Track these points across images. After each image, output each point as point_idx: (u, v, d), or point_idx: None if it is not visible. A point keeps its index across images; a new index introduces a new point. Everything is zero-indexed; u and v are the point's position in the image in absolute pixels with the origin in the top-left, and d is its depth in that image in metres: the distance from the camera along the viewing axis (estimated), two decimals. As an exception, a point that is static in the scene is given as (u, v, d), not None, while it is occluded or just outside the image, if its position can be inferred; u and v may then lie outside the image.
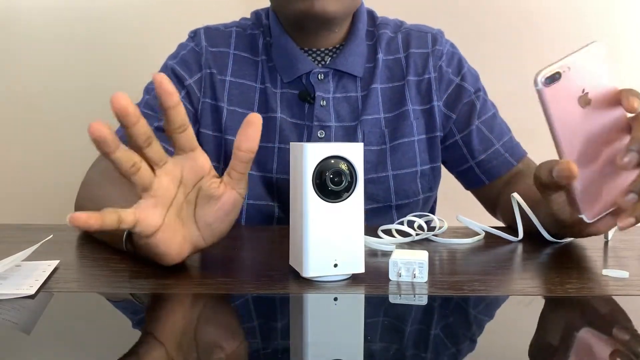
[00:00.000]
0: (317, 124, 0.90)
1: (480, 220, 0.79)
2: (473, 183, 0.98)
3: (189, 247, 0.59)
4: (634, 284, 0.57)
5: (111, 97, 0.52)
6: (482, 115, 0.94)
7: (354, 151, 0.56)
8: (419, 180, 0.93)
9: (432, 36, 0.96)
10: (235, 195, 0.59)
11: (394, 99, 0.93)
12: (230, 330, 0.47)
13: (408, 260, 0.56)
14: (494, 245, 0.74)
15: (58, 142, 1.46)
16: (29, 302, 0.51)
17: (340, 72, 0.92)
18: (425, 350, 0.42)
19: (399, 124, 0.92)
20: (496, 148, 0.94)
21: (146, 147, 0.55)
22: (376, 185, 0.91)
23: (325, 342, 0.44)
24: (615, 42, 1.49)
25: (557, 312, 0.51)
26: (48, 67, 1.45)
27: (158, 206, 0.56)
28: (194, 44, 0.94)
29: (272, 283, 0.56)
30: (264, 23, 0.96)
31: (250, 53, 0.94)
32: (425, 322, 0.48)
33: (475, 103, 0.94)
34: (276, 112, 0.91)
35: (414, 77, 0.93)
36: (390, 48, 0.95)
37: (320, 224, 0.55)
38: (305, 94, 0.91)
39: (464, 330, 0.46)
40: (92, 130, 0.51)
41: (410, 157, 0.92)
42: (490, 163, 0.95)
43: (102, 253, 0.68)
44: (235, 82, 0.92)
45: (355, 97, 0.92)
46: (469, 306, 0.51)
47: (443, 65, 0.94)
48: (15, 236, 0.77)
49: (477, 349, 0.43)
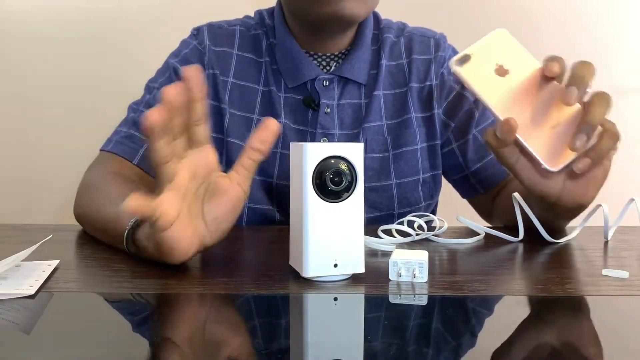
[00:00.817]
0: (320, 131, 0.90)
1: (480, 221, 0.79)
2: (469, 192, 0.98)
3: (196, 243, 0.58)
4: (634, 284, 0.57)
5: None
6: (480, 124, 0.93)
7: (354, 151, 0.56)
8: (421, 188, 0.93)
9: (435, 41, 0.95)
10: (240, 192, 0.59)
11: (396, 106, 0.92)
12: (231, 330, 0.47)
13: (408, 260, 0.57)
14: (494, 245, 0.74)
15: (58, 142, 1.46)
16: (29, 302, 0.51)
17: (345, 78, 0.91)
18: (425, 351, 0.42)
19: (402, 131, 0.91)
20: (491, 157, 0.93)
21: (199, 125, 0.57)
22: (379, 194, 0.91)
23: (325, 342, 0.44)
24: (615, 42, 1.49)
25: (557, 312, 0.51)
26: (47, 67, 1.45)
27: (175, 199, 0.56)
28: (196, 42, 0.93)
29: (272, 283, 0.56)
30: (267, 23, 0.95)
31: (254, 54, 0.93)
32: (425, 322, 0.48)
33: (474, 112, 0.93)
34: (280, 117, 0.90)
35: (416, 84, 0.93)
36: (393, 53, 0.94)
37: (320, 224, 0.55)
38: (309, 100, 0.90)
39: (464, 330, 0.46)
40: (150, 118, 0.52)
41: (413, 165, 0.92)
42: (486, 172, 0.94)
43: (102, 253, 0.68)
44: (236, 84, 0.91)
45: (359, 104, 0.91)
46: (469, 306, 0.51)
47: (445, 72, 0.93)
48: (15, 236, 0.77)
49: (477, 349, 0.43)
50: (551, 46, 1.47)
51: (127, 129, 0.88)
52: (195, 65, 0.56)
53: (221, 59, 0.92)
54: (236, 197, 0.59)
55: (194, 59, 0.92)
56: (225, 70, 0.92)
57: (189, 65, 0.57)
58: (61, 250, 0.70)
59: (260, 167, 0.90)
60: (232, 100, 0.91)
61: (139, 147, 0.86)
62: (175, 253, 0.57)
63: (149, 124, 0.52)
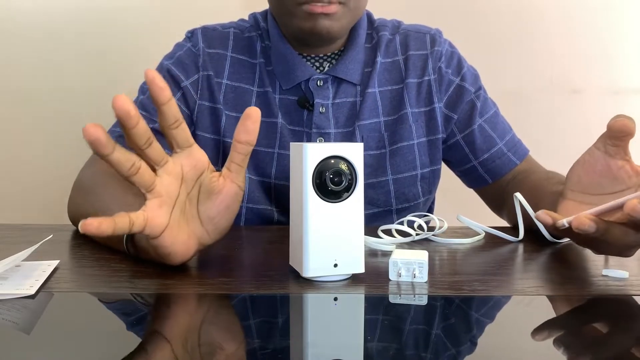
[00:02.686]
0: (315, 130, 0.90)
1: (480, 220, 0.79)
2: (476, 182, 0.98)
3: (194, 244, 0.59)
4: (634, 284, 0.57)
5: (113, 98, 0.52)
6: (484, 114, 0.94)
7: (354, 151, 0.56)
8: (419, 183, 0.93)
9: (430, 37, 0.95)
10: (235, 188, 0.59)
11: (393, 102, 0.92)
12: (231, 330, 0.47)
13: (408, 260, 0.56)
14: (494, 245, 0.74)
15: (58, 142, 1.46)
16: (29, 302, 0.51)
17: (339, 78, 0.92)
18: (425, 350, 0.42)
19: (398, 127, 0.92)
20: (499, 147, 0.94)
21: (147, 147, 0.55)
22: (376, 190, 0.91)
23: (325, 342, 0.44)
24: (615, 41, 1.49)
25: (557, 312, 0.51)
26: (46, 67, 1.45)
27: (163, 206, 0.56)
28: (190, 44, 0.93)
29: (272, 283, 0.56)
30: (261, 26, 0.95)
31: (248, 55, 0.93)
32: (425, 322, 0.48)
33: (476, 102, 0.94)
34: (277, 117, 0.90)
35: (414, 80, 0.93)
36: (389, 50, 0.95)
37: (320, 224, 0.55)
38: (303, 100, 0.90)
39: (464, 330, 0.46)
40: (88, 132, 0.51)
41: (410, 161, 0.92)
42: (494, 162, 0.94)
43: (102, 253, 0.68)
44: (231, 85, 0.91)
45: (354, 102, 0.92)
46: (468, 306, 0.51)
47: (442, 66, 0.94)
48: (15, 236, 0.77)
49: (477, 349, 0.43)
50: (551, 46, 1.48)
51: (120, 129, 0.88)
52: (154, 70, 0.55)
53: (215, 61, 0.92)
54: (231, 195, 0.59)
55: (187, 61, 0.92)
56: (219, 72, 0.92)
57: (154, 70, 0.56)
58: (61, 250, 0.70)
59: (258, 167, 0.90)
60: (227, 101, 0.91)
61: (132, 148, 0.86)
62: (173, 257, 0.58)
63: (88, 139, 0.51)
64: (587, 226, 0.55)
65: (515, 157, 0.95)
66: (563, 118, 1.49)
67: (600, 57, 1.49)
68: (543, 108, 1.50)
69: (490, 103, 0.97)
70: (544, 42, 1.47)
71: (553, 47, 1.48)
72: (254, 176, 0.90)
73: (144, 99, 0.91)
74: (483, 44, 1.43)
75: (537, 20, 1.48)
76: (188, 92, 0.91)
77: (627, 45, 1.49)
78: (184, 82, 0.91)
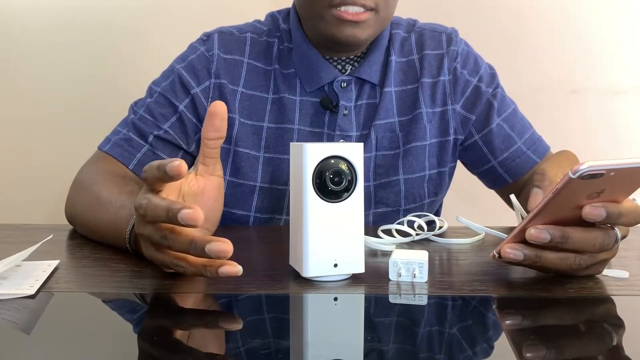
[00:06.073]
0: (338, 133, 0.89)
1: (480, 221, 0.78)
2: (496, 183, 0.97)
3: None
4: (634, 284, 0.57)
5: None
6: (501, 113, 0.93)
7: (353, 151, 0.56)
8: (426, 184, 0.93)
9: (446, 36, 0.94)
10: (216, 180, 0.61)
11: (408, 102, 0.92)
12: (231, 330, 0.47)
13: (408, 260, 0.57)
14: (494, 246, 0.73)
15: (58, 142, 1.46)
16: (29, 302, 0.51)
17: (361, 79, 0.91)
18: (425, 350, 0.42)
19: (412, 127, 0.91)
20: (518, 146, 0.93)
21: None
22: (387, 190, 0.91)
23: (325, 342, 0.44)
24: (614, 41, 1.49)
25: (558, 312, 0.51)
26: (47, 69, 1.45)
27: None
28: (204, 48, 0.91)
29: (272, 283, 0.56)
30: (281, 28, 0.93)
31: (264, 62, 0.91)
32: (425, 322, 0.48)
33: (493, 102, 0.93)
34: (293, 123, 0.89)
35: (428, 79, 0.92)
36: (404, 49, 0.94)
37: (320, 224, 0.55)
38: (327, 101, 0.89)
39: (464, 330, 0.46)
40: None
41: (421, 161, 0.91)
42: (513, 161, 0.93)
43: (102, 253, 0.68)
44: (246, 93, 0.90)
45: (373, 103, 0.91)
46: (468, 306, 0.51)
47: (458, 66, 0.93)
48: (15, 236, 0.77)
49: (476, 349, 0.43)
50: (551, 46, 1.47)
51: (126, 131, 0.87)
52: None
53: (231, 67, 0.90)
54: (215, 187, 0.61)
55: (199, 66, 0.89)
56: (235, 79, 0.90)
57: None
58: (61, 250, 0.70)
59: (272, 175, 0.89)
60: (242, 109, 0.90)
61: (136, 152, 0.86)
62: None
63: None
64: (512, 255, 0.54)
65: (536, 155, 0.93)
66: (563, 118, 1.49)
67: (600, 57, 1.48)
68: (543, 108, 1.49)
69: (509, 101, 0.95)
70: (544, 42, 1.47)
71: (553, 47, 1.48)
72: (267, 184, 0.89)
73: (150, 103, 0.89)
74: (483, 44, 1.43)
75: (537, 21, 1.48)
76: (198, 99, 0.88)
77: (627, 45, 1.49)
78: (194, 89, 0.88)
